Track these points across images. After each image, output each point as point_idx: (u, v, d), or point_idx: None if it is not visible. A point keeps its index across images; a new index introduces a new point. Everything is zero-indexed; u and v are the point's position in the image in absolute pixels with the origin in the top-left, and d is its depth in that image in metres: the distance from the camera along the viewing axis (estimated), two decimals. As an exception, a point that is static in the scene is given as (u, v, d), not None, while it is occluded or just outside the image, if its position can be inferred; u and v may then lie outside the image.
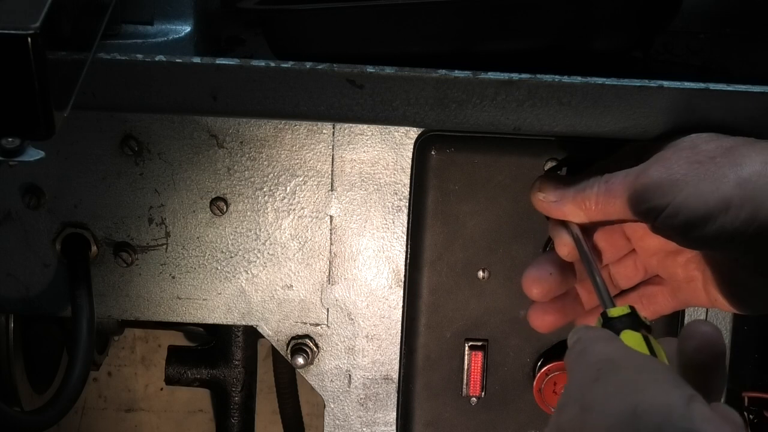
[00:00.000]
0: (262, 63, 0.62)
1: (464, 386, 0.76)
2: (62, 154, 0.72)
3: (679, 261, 0.63)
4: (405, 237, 0.75)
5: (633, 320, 0.53)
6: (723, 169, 0.55)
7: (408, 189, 0.73)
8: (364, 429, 0.80)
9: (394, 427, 0.79)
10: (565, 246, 0.63)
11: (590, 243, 0.63)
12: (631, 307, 0.54)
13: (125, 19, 0.68)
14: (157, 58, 0.62)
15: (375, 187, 0.74)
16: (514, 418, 0.77)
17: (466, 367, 0.75)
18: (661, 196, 0.56)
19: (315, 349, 0.77)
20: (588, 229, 0.63)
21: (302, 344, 0.77)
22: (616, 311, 0.54)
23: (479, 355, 0.75)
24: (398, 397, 0.78)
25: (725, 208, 0.54)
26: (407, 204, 0.74)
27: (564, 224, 0.64)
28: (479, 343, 0.75)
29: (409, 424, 0.77)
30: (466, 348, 0.75)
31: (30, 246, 0.75)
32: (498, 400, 0.76)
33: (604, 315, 0.54)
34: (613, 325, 0.53)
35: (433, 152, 0.71)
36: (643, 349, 0.51)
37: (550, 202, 0.63)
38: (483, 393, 0.76)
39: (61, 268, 0.75)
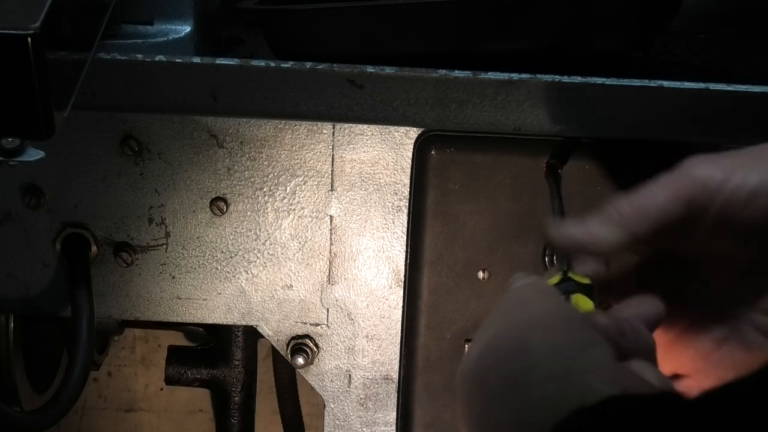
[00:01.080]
0: (262, 63, 0.62)
1: (464, 386, 0.76)
2: (62, 154, 0.72)
3: None
4: (405, 237, 0.75)
5: (568, 286, 0.52)
6: None
7: (408, 189, 0.73)
8: (364, 429, 0.80)
9: (394, 427, 0.79)
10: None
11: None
12: (564, 273, 0.52)
13: (125, 19, 0.68)
14: (157, 58, 0.62)
15: (375, 187, 0.74)
16: (514, 418, 0.77)
17: (466, 367, 0.75)
18: (720, 170, 0.49)
19: (315, 349, 0.77)
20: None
21: (302, 344, 0.77)
22: (578, 277, 0.52)
23: (479, 355, 0.75)
24: (398, 398, 0.78)
25: None
26: (407, 204, 0.74)
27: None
28: (479, 343, 0.75)
29: (409, 426, 0.77)
30: (467, 349, 0.75)
31: (30, 246, 0.75)
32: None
33: (564, 272, 0.53)
34: (566, 286, 0.52)
35: (433, 152, 0.71)
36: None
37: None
38: (483, 393, 0.76)
39: (61, 268, 0.75)
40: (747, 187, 0.49)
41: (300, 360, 0.76)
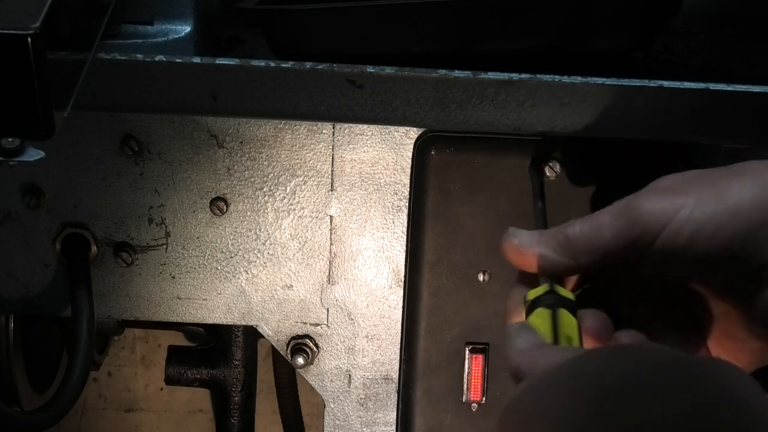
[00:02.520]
0: (262, 63, 0.62)
1: (465, 391, 0.75)
2: (62, 154, 0.72)
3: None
4: (405, 237, 0.75)
5: (550, 298, 0.52)
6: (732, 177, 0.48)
7: (408, 189, 0.73)
8: (364, 429, 0.80)
9: (394, 427, 0.79)
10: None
11: None
12: (551, 285, 0.52)
13: (125, 19, 0.68)
14: (157, 58, 0.62)
15: (375, 187, 0.74)
16: (514, 418, 0.77)
17: (466, 371, 0.75)
18: (665, 207, 0.49)
19: (315, 349, 0.77)
20: None
21: (302, 344, 0.77)
22: (534, 292, 0.53)
23: (480, 359, 0.75)
24: (398, 403, 0.78)
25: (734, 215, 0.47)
26: (407, 204, 0.74)
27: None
28: (480, 347, 0.75)
29: (409, 431, 0.77)
30: (467, 351, 0.75)
31: (30, 246, 0.75)
32: (499, 405, 0.76)
33: (550, 285, 0.53)
34: (532, 306, 0.52)
35: (433, 152, 0.71)
36: (547, 326, 0.50)
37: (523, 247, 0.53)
38: (484, 398, 0.76)
39: (61, 268, 0.75)
40: (687, 227, 0.48)
41: (300, 360, 0.76)
